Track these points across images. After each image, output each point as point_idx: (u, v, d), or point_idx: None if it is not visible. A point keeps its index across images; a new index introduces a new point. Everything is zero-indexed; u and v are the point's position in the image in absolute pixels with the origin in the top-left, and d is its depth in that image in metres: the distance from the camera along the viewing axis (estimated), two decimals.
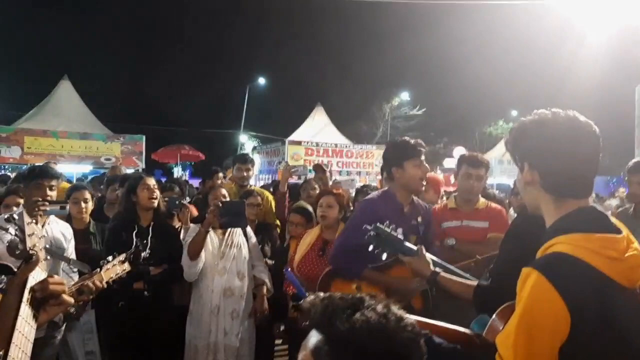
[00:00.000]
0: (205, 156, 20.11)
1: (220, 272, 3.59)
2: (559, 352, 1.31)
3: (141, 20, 41.01)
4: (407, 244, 2.36)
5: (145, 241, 3.52)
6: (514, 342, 1.32)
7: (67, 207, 3.27)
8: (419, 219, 3.03)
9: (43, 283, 1.29)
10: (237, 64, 39.32)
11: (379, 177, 5.88)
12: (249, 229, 3.88)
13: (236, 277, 3.63)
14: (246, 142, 26.11)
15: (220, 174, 6.03)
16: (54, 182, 3.38)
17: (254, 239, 3.91)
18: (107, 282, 2.31)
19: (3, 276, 2.18)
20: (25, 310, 1.19)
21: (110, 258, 2.45)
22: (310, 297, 1.06)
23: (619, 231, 1.42)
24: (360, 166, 16.43)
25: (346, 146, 17.10)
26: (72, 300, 1.35)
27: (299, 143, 16.41)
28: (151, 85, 35.54)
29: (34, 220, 1.54)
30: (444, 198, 5.09)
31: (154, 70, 38.94)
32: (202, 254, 3.51)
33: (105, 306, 3.43)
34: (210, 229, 3.60)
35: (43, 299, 1.27)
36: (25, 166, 11.57)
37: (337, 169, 15.92)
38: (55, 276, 1.36)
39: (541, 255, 1.41)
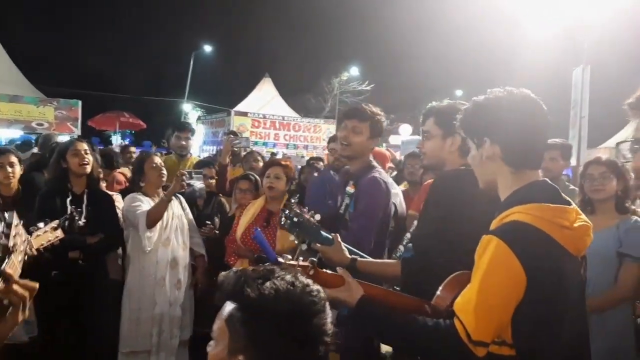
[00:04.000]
0: (146, 125, 19.40)
1: (165, 243, 3.57)
2: (513, 313, 1.39)
3: None
4: (323, 232, 2.19)
5: (79, 209, 3.38)
6: (475, 306, 1.39)
7: None
8: (350, 189, 2.77)
9: None
10: (182, 30, 37.67)
11: (326, 151, 5.88)
12: (183, 201, 3.85)
13: (180, 247, 3.65)
14: (190, 111, 25.27)
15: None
16: None
17: (188, 211, 3.87)
18: (37, 250, 2.18)
19: None
20: None
21: (41, 224, 2.32)
22: (225, 272, 1.14)
23: (569, 203, 1.52)
24: (307, 140, 16.34)
25: (294, 119, 16.95)
26: None
27: (245, 114, 16.08)
28: (90, 47, 33.54)
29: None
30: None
31: (93, 31, 36.80)
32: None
33: (41, 276, 3.28)
34: (149, 200, 3.57)
35: None
36: None
37: (284, 142, 15.81)
38: None
39: (498, 224, 1.48)
